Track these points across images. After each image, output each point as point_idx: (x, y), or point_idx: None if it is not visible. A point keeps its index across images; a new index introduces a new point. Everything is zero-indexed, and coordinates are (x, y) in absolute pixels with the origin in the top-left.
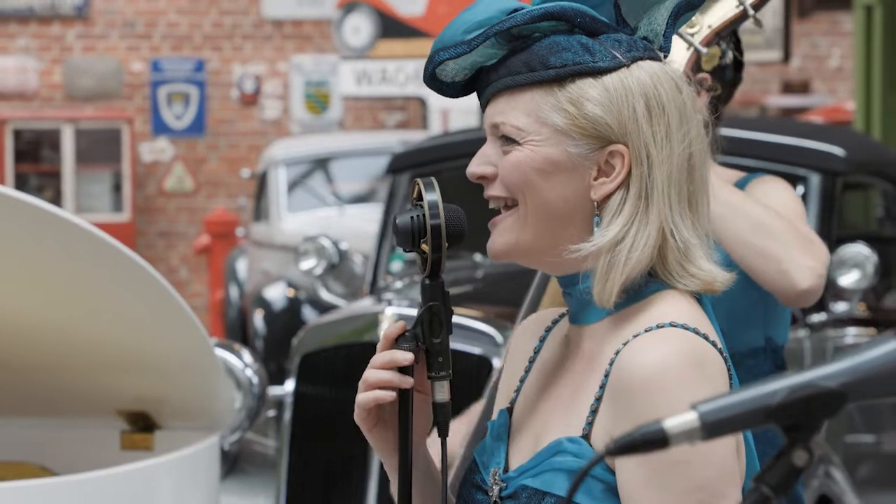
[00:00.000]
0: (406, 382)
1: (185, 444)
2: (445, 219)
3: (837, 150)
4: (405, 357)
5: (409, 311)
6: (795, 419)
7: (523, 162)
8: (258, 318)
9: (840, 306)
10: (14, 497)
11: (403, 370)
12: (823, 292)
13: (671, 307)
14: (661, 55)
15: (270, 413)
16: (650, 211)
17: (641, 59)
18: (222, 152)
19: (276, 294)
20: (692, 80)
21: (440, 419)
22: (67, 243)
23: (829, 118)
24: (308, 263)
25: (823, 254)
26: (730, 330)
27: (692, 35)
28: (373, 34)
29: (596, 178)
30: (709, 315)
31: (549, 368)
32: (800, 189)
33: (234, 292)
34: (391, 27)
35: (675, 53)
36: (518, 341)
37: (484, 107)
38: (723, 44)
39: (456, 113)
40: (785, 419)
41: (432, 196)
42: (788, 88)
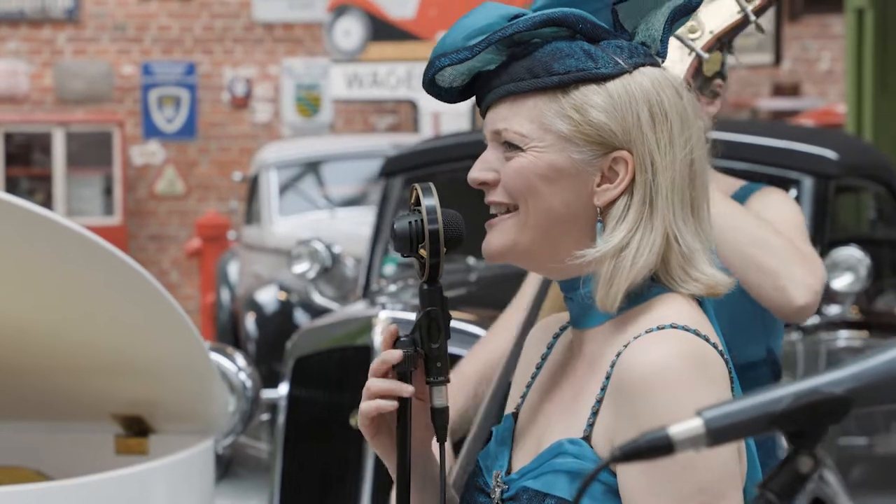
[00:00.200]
0: (405, 391)
1: (179, 448)
2: (443, 224)
3: (830, 154)
4: (393, 356)
5: (403, 315)
6: (800, 426)
7: (526, 168)
8: (250, 322)
9: (833, 309)
10: (9, 502)
11: (402, 377)
12: None
13: (672, 309)
14: (660, 61)
15: (264, 417)
16: (655, 217)
17: (643, 65)
18: (213, 155)
19: (268, 297)
20: (693, 87)
21: (438, 424)
22: (61, 246)
23: (819, 121)
24: (301, 267)
25: (820, 270)
26: (732, 343)
27: (694, 40)
28: (364, 37)
29: (599, 185)
30: (711, 320)
31: (553, 373)
32: (793, 192)
33: (225, 296)
34: (382, 30)
35: (675, 58)
36: (527, 349)
37: (484, 112)
38: (724, 49)
39: (447, 116)
40: (790, 426)
41: (430, 201)
42: (779, 91)
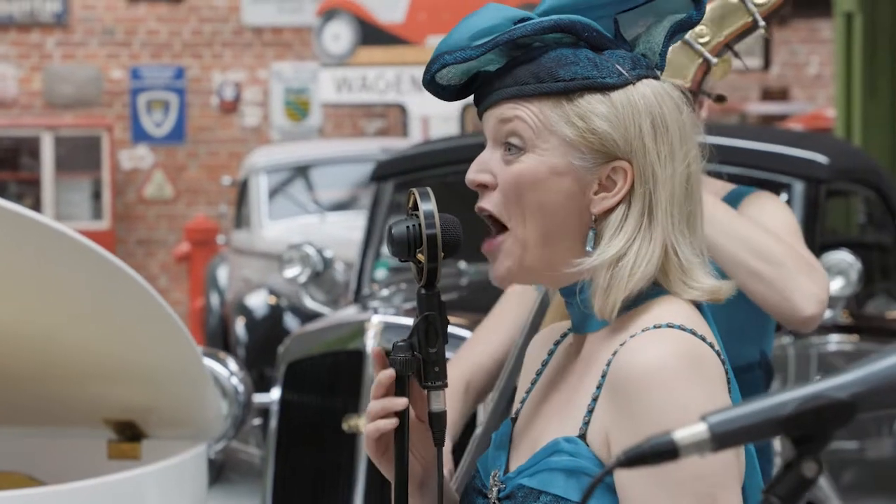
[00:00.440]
0: (398, 405)
1: (172, 453)
2: (441, 228)
3: (821, 158)
4: (387, 375)
5: (395, 320)
6: (805, 430)
7: (527, 171)
8: (240, 326)
9: (825, 313)
10: None
11: (400, 382)
12: None
13: (668, 311)
14: (659, 73)
15: (256, 422)
16: (654, 228)
17: (645, 77)
18: (202, 160)
19: (258, 302)
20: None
21: (436, 428)
22: (52, 250)
23: (809, 125)
24: (292, 271)
25: (825, 279)
26: (728, 346)
27: (703, 45)
28: (353, 41)
29: (596, 193)
30: (709, 323)
31: (552, 377)
32: (783, 196)
33: (214, 300)
34: (371, 34)
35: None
36: (530, 356)
37: (482, 112)
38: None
39: (436, 120)
40: (795, 430)
41: (428, 206)
42: (768, 96)
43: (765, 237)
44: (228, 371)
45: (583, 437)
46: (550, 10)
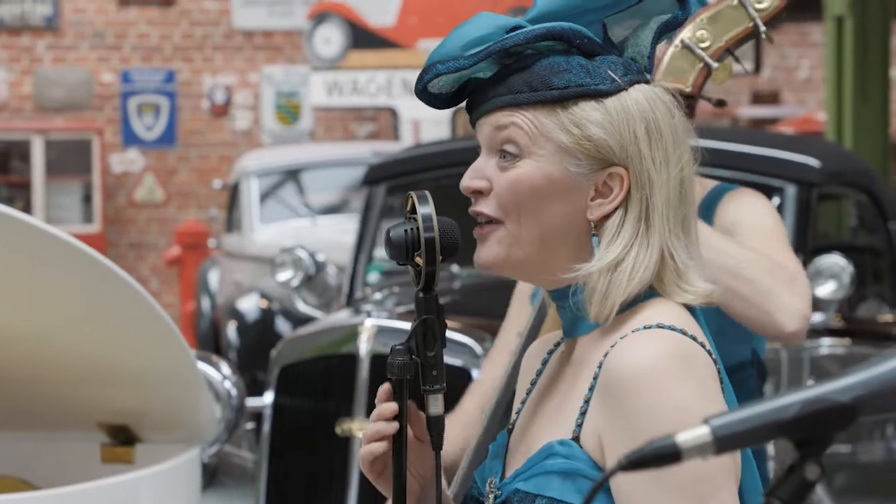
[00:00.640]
0: (390, 428)
1: (165, 457)
2: (439, 232)
3: (813, 161)
4: (390, 408)
5: (389, 323)
6: (808, 433)
7: (523, 178)
8: (231, 330)
9: (816, 317)
10: None
11: (399, 386)
12: None
13: (659, 312)
14: (649, 76)
15: (249, 426)
16: (651, 233)
17: (637, 82)
18: (193, 163)
19: (250, 305)
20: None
21: (434, 432)
22: (46, 254)
23: (800, 129)
24: (285, 275)
25: (807, 288)
26: (719, 345)
27: (704, 50)
28: (344, 45)
29: (593, 199)
30: (700, 323)
31: (546, 385)
32: (776, 200)
33: (205, 304)
34: (362, 38)
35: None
36: (525, 366)
37: (475, 120)
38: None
39: (427, 124)
40: (797, 433)
41: (426, 209)
42: (758, 99)
43: (743, 253)
44: (221, 375)
45: (576, 439)
46: (540, 17)
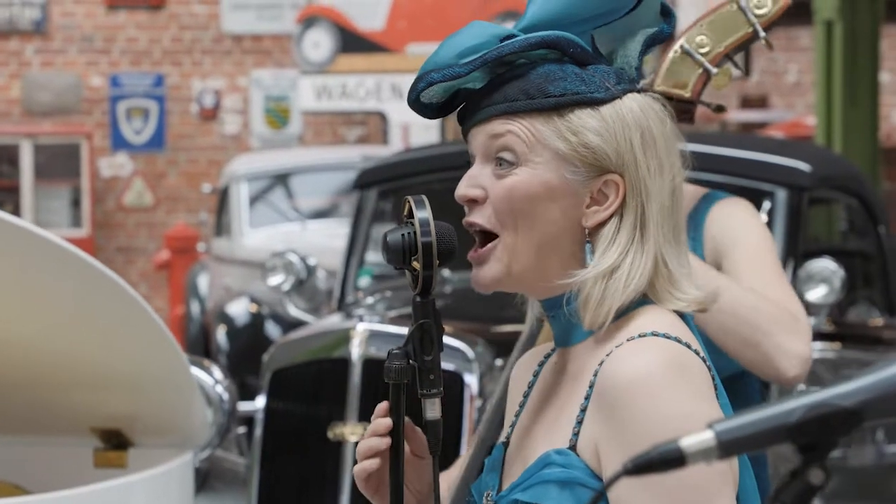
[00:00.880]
0: (384, 444)
1: (158, 461)
2: (436, 236)
3: (803, 166)
4: (384, 424)
5: (381, 328)
6: (812, 438)
7: (520, 185)
8: (221, 334)
9: None
10: None
11: (396, 390)
12: None
13: (652, 320)
14: (639, 86)
15: (241, 430)
16: (646, 240)
17: (630, 91)
18: (182, 167)
19: (239, 310)
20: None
21: (431, 437)
22: (38, 258)
23: (789, 133)
24: (276, 279)
25: (808, 331)
26: (715, 358)
27: (703, 56)
28: (333, 49)
29: (588, 206)
30: (692, 330)
31: (540, 397)
32: (766, 204)
33: (195, 308)
34: (351, 42)
35: (685, 73)
36: (515, 379)
37: (467, 129)
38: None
39: (416, 128)
40: (801, 438)
41: (423, 213)
42: (747, 103)
43: (744, 297)
44: (213, 379)
45: (573, 448)
46: (532, 26)
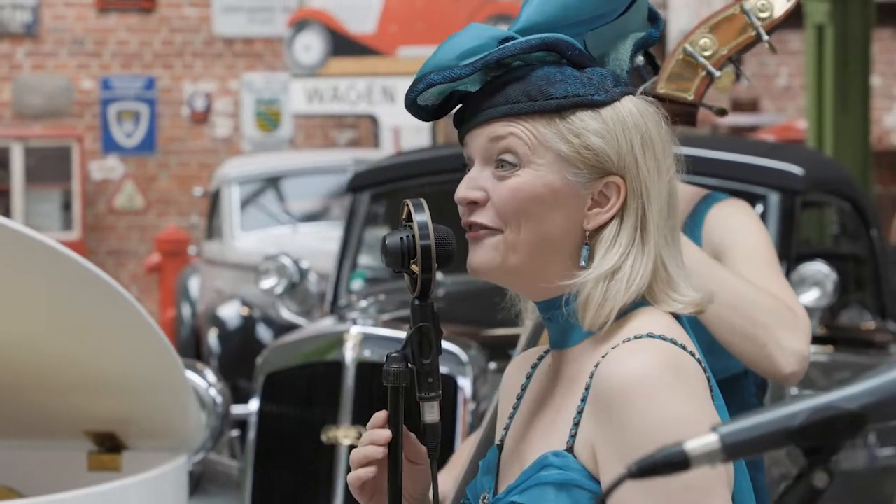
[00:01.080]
0: (380, 453)
1: (152, 464)
2: (435, 240)
3: (796, 169)
4: (380, 436)
5: (374, 331)
6: (816, 441)
7: (523, 187)
8: (212, 338)
9: None
10: None
11: (395, 393)
12: None
13: (648, 321)
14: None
15: (234, 433)
16: (646, 241)
17: (628, 93)
18: (173, 170)
19: (231, 313)
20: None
21: (430, 440)
22: (31, 260)
23: (780, 137)
24: (269, 282)
25: (807, 325)
26: (711, 361)
27: (706, 59)
28: (324, 52)
29: (590, 208)
30: (687, 331)
31: (535, 399)
32: (759, 208)
33: (186, 311)
34: (342, 45)
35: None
36: (507, 382)
37: (465, 132)
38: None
39: (407, 131)
40: (805, 441)
41: (422, 217)
42: (737, 107)
43: (745, 290)
44: (206, 382)
45: (570, 450)
46: (527, 28)
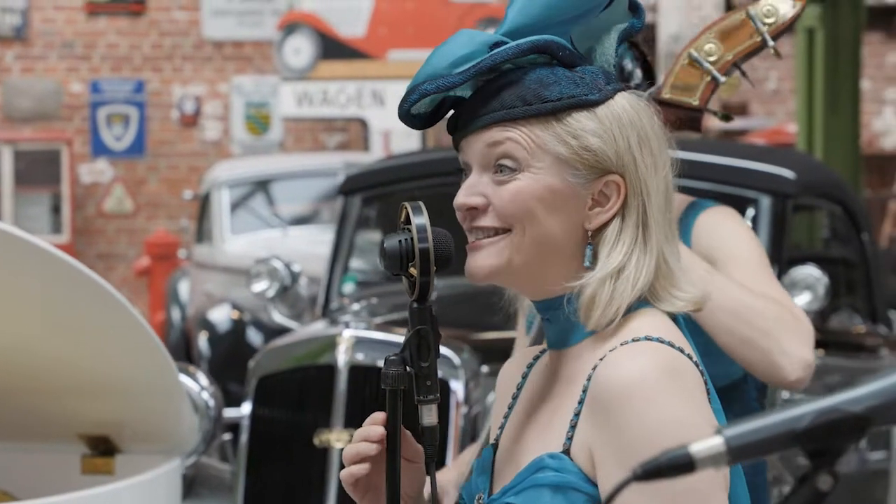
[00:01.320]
0: (373, 450)
1: (146, 468)
2: (434, 242)
3: (787, 173)
4: (374, 432)
5: (367, 334)
6: (820, 444)
7: (524, 191)
8: (202, 341)
9: None
10: None
11: (393, 396)
12: None
13: (645, 323)
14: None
15: (226, 437)
16: (648, 238)
17: (621, 90)
18: (162, 173)
19: (221, 316)
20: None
21: (428, 443)
22: (24, 263)
23: (770, 140)
24: (260, 286)
25: (811, 334)
26: (710, 367)
27: (711, 64)
28: (313, 55)
29: (591, 208)
30: (684, 334)
31: (530, 399)
32: (751, 211)
33: (175, 315)
34: (332, 48)
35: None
36: (503, 380)
37: (461, 137)
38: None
39: (397, 134)
40: (810, 444)
41: (420, 220)
42: (727, 111)
43: (745, 297)
44: (199, 386)
45: (567, 452)
46: (514, 31)
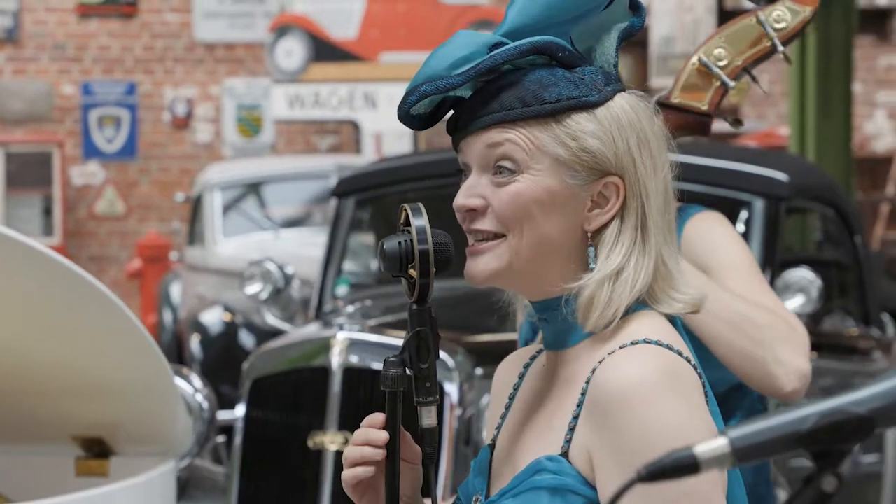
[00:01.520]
0: (378, 455)
1: (140, 470)
2: (433, 244)
3: (780, 175)
4: (378, 437)
5: (361, 336)
6: (825, 445)
7: (523, 192)
8: (195, 343)
9: None
10: None
11: (393, 398)
12: None
13: (644, 326)
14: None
15: (220, 439)
16: (647, 240)
17: (620, 91)
18: (154, 176)
19: (213, 319)
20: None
21: (427, 444)
22: (19, 264)
23: (762, 143)
24: (254, 288)
25: (806, 341)
26: (708, 372)
27: (721, 69)
28: (305, 57)
29: (590, 210)
30: (682, 337)
31: (528, 399)
32: (743, 214)
33: (167, 317)
34: (324, 51)
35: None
36: (499, 380)
37: (461, 138)
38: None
39: (389, 137)
40: (814, 445)
41: (420, 221)
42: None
43: (739, 306)
44: (193, 388)
45: (565, 455)
46: (513, 31)
